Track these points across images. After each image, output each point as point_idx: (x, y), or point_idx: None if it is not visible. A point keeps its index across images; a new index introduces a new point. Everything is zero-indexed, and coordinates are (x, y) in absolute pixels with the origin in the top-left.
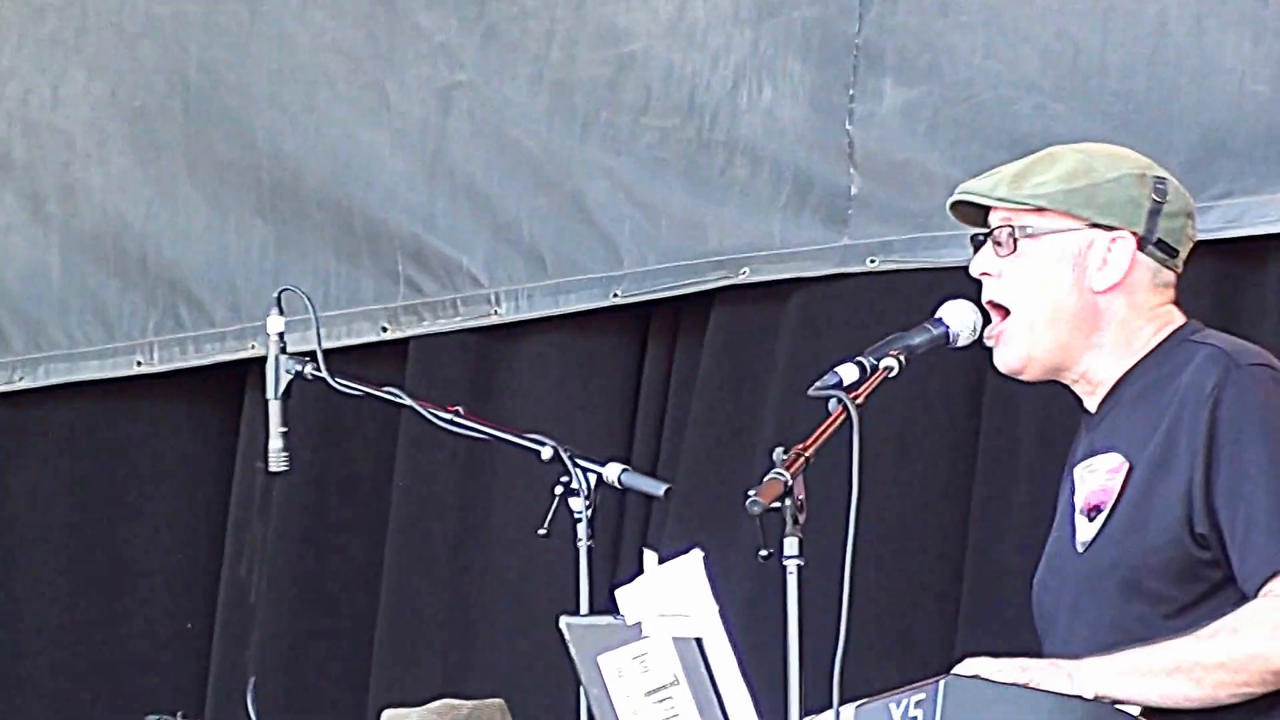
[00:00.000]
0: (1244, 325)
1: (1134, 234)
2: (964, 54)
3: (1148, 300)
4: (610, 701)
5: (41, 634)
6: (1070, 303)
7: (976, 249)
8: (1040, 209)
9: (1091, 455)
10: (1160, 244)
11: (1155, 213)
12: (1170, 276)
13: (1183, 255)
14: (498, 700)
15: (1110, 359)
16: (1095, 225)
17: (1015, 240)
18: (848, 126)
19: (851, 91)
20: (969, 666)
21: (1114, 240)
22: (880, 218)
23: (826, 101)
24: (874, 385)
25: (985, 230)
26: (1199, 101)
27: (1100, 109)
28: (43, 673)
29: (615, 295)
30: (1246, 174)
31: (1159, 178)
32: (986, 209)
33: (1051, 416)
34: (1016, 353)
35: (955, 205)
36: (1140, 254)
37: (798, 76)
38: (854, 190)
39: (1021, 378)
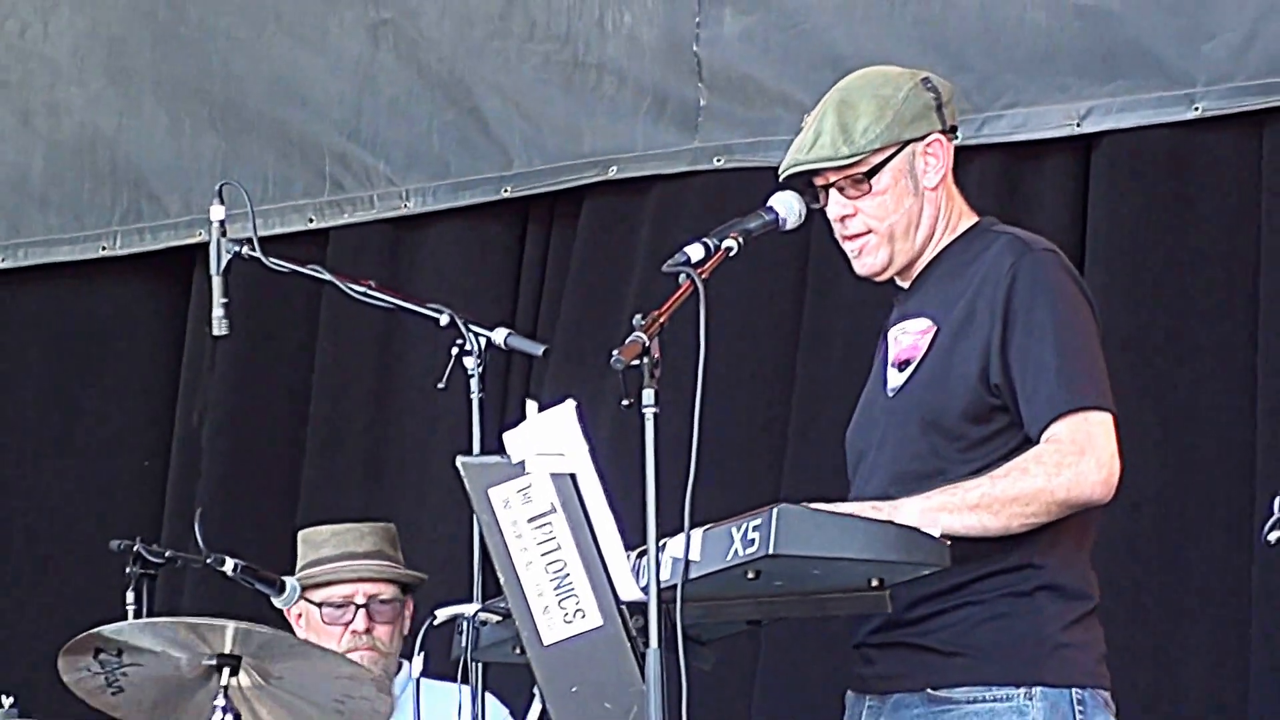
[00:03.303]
0: (1023, 213)
1: (939, 131)
2: None
3: (953, 188)
4: (499, 526)
5: (20, 466)
6: (917, 208)
7: (816, 197)
8: (876, 150)
9: (904, 319)
10: (951, 129)
11: (940, 107)
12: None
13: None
14: (389, 524)
15: (932, 245)
16: (911, 141)
17: (868, 182)
18: (695, 49)
19: (698, 19)
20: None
21: (928, 145)
22: (724, 125)
23: (676, 28)
24: (717, 262)
25: (826, 184)
26: (986, 27)
27: (903, 33)
28: (21, 503)
29: (505, 191)
30: (1028, 88)
31: (925, 79)
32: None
33: (862, 287)
34: (880, 260)
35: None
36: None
37: (652, 5)
38: (702, 102)
39: (878, 279)
